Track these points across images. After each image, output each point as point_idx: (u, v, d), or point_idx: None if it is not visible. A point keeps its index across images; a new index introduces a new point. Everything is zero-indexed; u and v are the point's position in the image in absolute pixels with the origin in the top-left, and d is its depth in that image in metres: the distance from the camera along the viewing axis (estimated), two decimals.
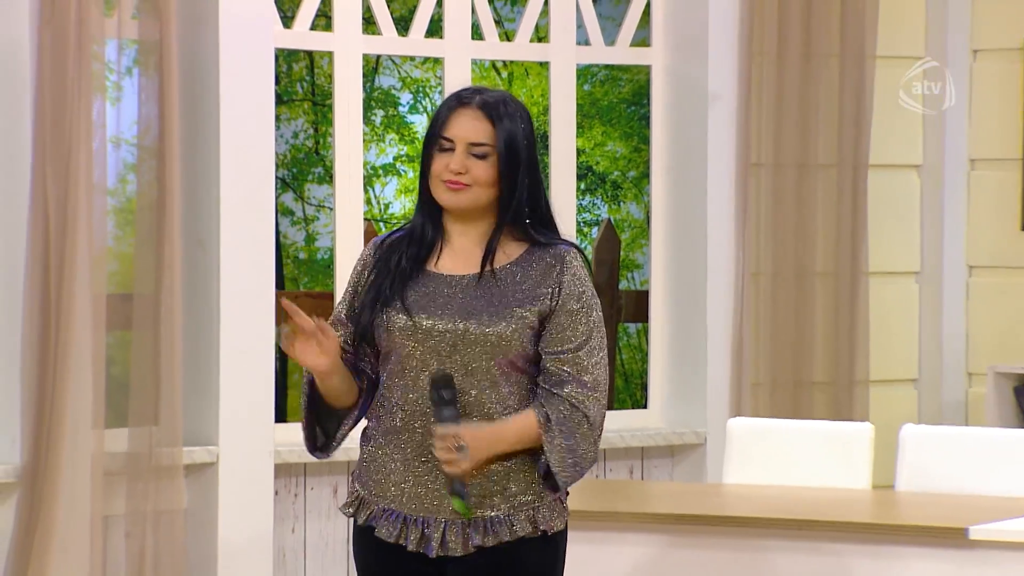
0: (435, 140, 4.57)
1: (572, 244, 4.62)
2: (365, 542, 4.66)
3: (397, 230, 4.72)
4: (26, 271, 6.45)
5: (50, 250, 6.43)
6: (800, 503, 5.93)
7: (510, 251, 4.58)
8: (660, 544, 5.75)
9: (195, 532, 6.77)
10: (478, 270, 4.56)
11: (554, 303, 4.53)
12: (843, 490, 6.20)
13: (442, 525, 4.56)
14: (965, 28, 8.06)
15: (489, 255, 4.56)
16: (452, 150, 4.53)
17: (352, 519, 4.67)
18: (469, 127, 4.54)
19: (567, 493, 4.66)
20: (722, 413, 7.53)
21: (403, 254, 4.64)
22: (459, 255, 4.60)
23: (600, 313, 4.60)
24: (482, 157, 4.53)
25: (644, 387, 7.93)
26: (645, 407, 7.86)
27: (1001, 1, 8.01)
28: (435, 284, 4.58)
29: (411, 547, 4.56)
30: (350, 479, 4.71)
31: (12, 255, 6.51)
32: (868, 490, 6.23)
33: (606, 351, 4.65)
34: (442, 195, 4.56)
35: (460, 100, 4.60)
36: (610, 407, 8.45)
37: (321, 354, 4.49)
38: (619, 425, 7.69)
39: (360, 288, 4.67)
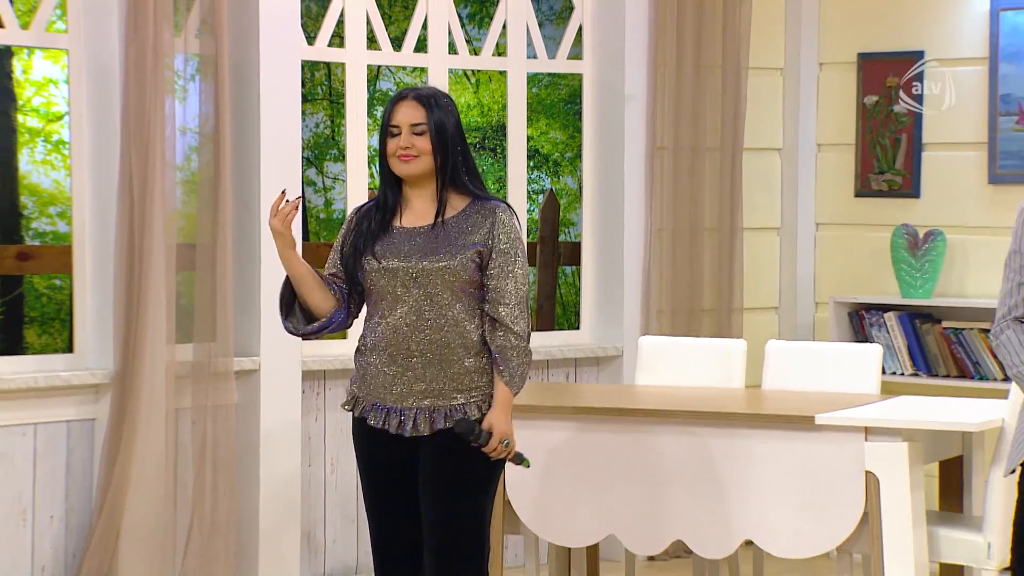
0: (386, 130, 4.64)
1: (503, 201, 4.69)
2: (360, 429, 4.74)
3: (369, 201, 4.78)
4: (116, 227, 6.41)
5: (134, 211, 6.38)
6: (691, 398, 5.96)
7: (456, 205, 4.66)
8: (588, 429, 5.77)
9: (242, 421, 6.70)
10: (431, 221, 4.63)
11: (490, 243, 4.60)
12: (723, 389, 6.23)
13: (413, 413, 4.63)
14: (814, 45, 8.04)
15: (441, 209, 4.63)
16: (399, 134, 4.61)
17: (351, 413, 4.75)
18: (408, 114, 4.62)
19: None
20: (634, 333, 7.52)
21: (372, 219, 4.70)
22: (416, 212, 4.68)
23: (524, 251, 4.66)
24: (421, 134, 4.60)
25: (577, 314, 7.83)
26: (578, 328, 7.81)
27: (840, 24, 7.96)
28: (399, 236, 4.65)
29: (392, 430, 4.66)
30: (348, 384, 4.82)
31: (106, 215, 6.48)
32: (742, 389, 6.26)
33: (528, 278, 4.67)
34: (398, 167, 4.64)
35: (400, 97, 4.70)
36: (551, 329, 8.55)
37: (273, 217, 4.61)
38: (558, 342, 7.68)
39: (344, 246, 4.74)
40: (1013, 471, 4.02)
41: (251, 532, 6.75)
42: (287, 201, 4.62)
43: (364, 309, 4.79)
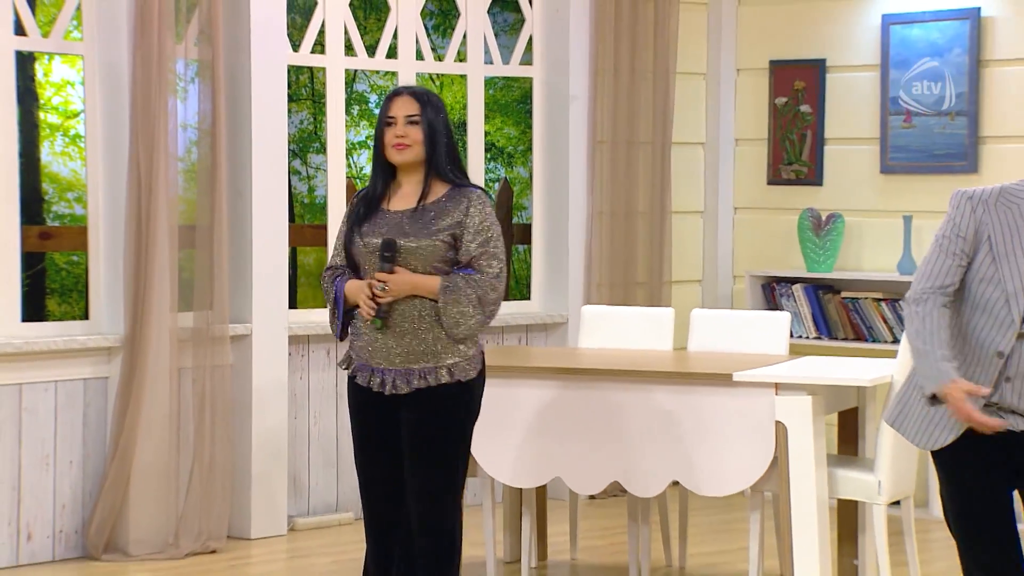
0: (383, 121, 4.59)
1: (479, 187, 4.66)
2: (351, 386, 4.72)
3: (364, 188, 4.72)
4: (126, 210, 6.40)
5: (141, 196, 6.36)
6: (627, 359, 5.95)
7: (438, 191, 4.61)
8: (538, 386, 5.76)
9: (236, 380, 6.69)
10: (414, 205, 4.58)
11: (463, 222, 4.55)
12: (654, 351, 6.22)
13: (393, 373, 4.59)
14: (732, 54, 8.05)
15: (424, 194, 4.58)
16: (394, 124, 4.56)
17: (346, 371, 4.72)
18: (404, 106, 4.57)
19: (482, 352, 4.69)
20: (578, 303, 7.52)
21: (362, 205, 4.65)
22: (404, 196, 4.63)
23: (498, 231, 4.62)
24: (415, 124, 4.55)
25: (528, 286, 7.77)
26: (529, 299, 7.80)
27: (754, 36, 7.97)
28: (386, 217, 4.61)
29: (375, 388, 4.63)
30: (348, 345, 4.75)
31: (117, 200, 6.46)
32: (670, 351, 6.25)
33: (503, 256, 4.63)
34: (394, 156, 4.58)
35: (396, 92, 4.65)
36: (505, 300, 8.55)
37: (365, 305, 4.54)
38: (512, 311, 7.65)
39: (345, 228, 4.69)
40: (935, 451, 3.93)
41: (244, 475, 6.74)
42: (383, 289, 4.55)
43: None
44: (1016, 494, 3.93)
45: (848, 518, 5.94)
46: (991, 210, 3.79)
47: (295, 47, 7.08)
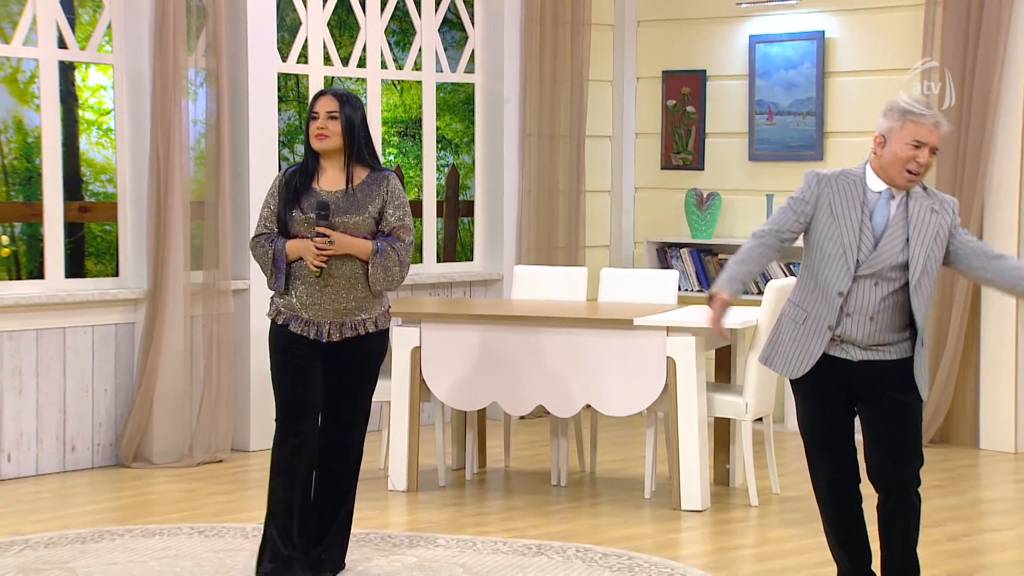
0: (310, 116, 4.44)
1: (391, 170, 4.53)
2: (283, 334, 4.43)
3: (292, 167, 4.51)
4: (147, 189, 6.35)
5: (160, 177, 6.31)
6: (549, 307, 5.94)
7: (360, 174, 4.47)
8: (479, 329, 5.72)
9: (237, 325, 6.61)
10: (343, 187, 4.43)
11: (384, 200, 4.42)
12: (572, 301, 6.18)
13: (327, 324, 4.41)
14: (633, 64, 8.01)
15: (350, 178, 4.43)
16: (317, 118, 4.42)
17: (277, 320, 4.46)
18: (326, 104, 4.43)
19: (389, 307, 4.55)
20: (511, 263, 7.48)
21: (297, 181, 4.45)
22: (330, 178, 4.46)
23: (409, 207, 4.48)
24: (334, 118, 4.40)
25: (472, 250, 7.78)
26: (472, 260, 7.72)
27: (650, 51, 7.93)
28: (319, 196, 4.44)
29: (311, 336, 4.42)
30: (271, 300, 4.51)
31: (141, 181, 6.41)
32: (584, 301, 6.21)
33: (412, 225, 4.49)
34: (316, 143, 4.42)
35: (321, 92, 4.50)
36: (453, 261, 8.52)
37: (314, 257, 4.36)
38: (458, 270, 7.60)
39: (274, 204, 4.46)
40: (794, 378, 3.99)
41: (244, 400, 6.71)
42: (330, 243, 4.38)
43: None
44: (856, 412, 4.02)
45: (722, 432, 5.99)
46: (832, 184, 3.91)
47: (284, 58, 7.01)
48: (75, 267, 8.26)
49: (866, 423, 3.94)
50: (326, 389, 4.45)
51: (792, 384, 4.02)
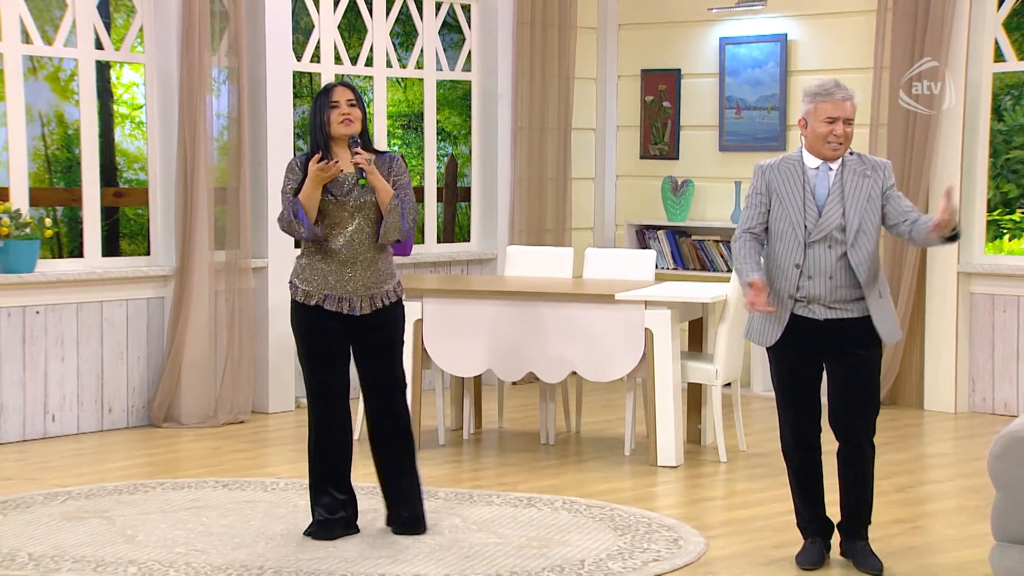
0: (328, 105, 4.29)
1: (397, 153, 4.47)
2: (314, 314, 4.29)
3: (303, 155, 4.36)
4: (176, 177, 6.30)
5: (187, 166, 6.26)
6: (539, 284, 5.91)
7: (369, 156, 4.33)
8: (476, 303, 5.70)
9: (257, 299, 6.58)
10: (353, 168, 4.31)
11: (394, 175, 4.33)
12: (559, 278, 6.15)
13: (360, 298, 4.31)
14: (614, 64, 7.94)
15: (368, 160, 4.29)
16: (339, 106, 4.28)
17: (301, 303, 4.30)
18: (345, 93, 4.31)
19: (400, 280, 4.48)
20: (504, 244, 7.45)
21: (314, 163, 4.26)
22: (344, 162, 4.33)
23: (410, 179, 4.40)
24: (354, 106, 4.30)
25: (469, 232, 7.78)
26: (469, 241, 7.65)
27: (630, 51, 7.88)
28: (339, 178, 4.29)
29: (344, 312, 4.30)
30: (292, 285, 4.32)
31: (170, 169, 6.37)
32: (570, 278, 6.19)
33: (413, 194, 4.38)
34: (343, 129, 4.29)
35: (336, 84, 4.36)
36: (452, 242, 8.48)
37: (321, 171, 4.22)
38: (457, 250, 7.53)
39: (295, 179, 4.30)
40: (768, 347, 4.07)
41: (263, 367, 6.67)
42: (335, 163, 4.24)
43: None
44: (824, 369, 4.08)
45: (695, 396, 5.99)
46: (775, 171, 4.03)
47: (298, 57, 6.97)
48: (111, 247, 8.26)
49: (830, 376, 4.01)
50: (363, 364, 4.35)
51: (767, 350, 4.09)
